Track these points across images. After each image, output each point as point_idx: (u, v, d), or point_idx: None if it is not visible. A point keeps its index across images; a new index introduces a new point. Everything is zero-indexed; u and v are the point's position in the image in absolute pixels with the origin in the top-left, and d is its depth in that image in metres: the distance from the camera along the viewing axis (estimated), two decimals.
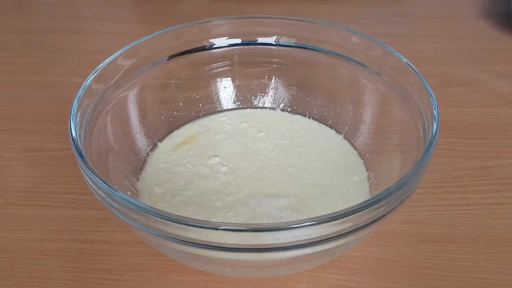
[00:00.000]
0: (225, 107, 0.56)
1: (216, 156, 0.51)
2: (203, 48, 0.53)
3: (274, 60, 0.56)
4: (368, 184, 0.48)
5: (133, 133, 0.51)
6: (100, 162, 0.43)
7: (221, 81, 0.57)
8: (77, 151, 0.38)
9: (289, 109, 0.57)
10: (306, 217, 0.42)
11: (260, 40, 0.54)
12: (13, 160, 0.55)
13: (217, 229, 0.32)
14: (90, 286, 0.42)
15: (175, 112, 0.55)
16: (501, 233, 0.46)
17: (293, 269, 0.42)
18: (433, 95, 0.42)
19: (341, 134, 0.53)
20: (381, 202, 0.34)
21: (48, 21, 0.83)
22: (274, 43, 0.54)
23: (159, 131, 0.53)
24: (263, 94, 0.57)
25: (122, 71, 0.48)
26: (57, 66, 0.70)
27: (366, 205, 0.33)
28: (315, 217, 0.33)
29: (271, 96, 0.57)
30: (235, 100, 0.57)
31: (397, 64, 0.46)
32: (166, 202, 0.46)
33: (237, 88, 0.57)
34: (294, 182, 0.48)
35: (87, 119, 0.43)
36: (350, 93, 0.53)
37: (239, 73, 0.57)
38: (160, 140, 0.53)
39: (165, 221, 0.33)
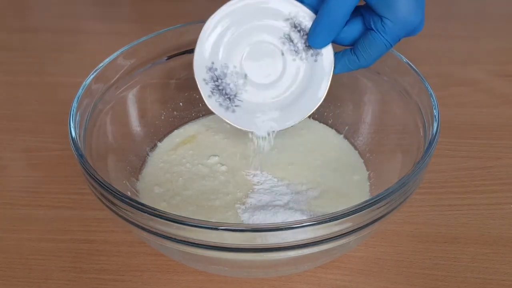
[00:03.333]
0: None
1: (215, 155, 0.50)
2: None
3: None
4: (369, 183, 0.48)
5: (132, 133, 0.51)
6: (100, 162, 0.43)
7: None
8: (77, 151, 0.38)
9: None
10: (306, 217, 0.42)
11: None
12: (13, 160, 0.55)
13: (217, 229, 0.32)
14: (90, 287, 0.42)
15: (175, 112, 0.55)
16: (502, 233, 0.46)
17: (293, 269, 0.42)
18: (433, 95, 0.42)
19: (341, 134, 0.53)
20: (382, 202, 0.34)
21: (48, 21, 0.82)
22: None
23: (159, 131, 0.53)
24: None
25: (122, 71, 0.48)
26: (57, 66, 0.70)
27: (366, 205, 0.33)
28: (315, 217, 0.33)
29: None
30: None
31: (397, 64, 0.46)
32: (166, 201, 0.46)
33: None
34: (294, 182, 0.48)
35: (86, 119, 0.43)
36: (350, 93, 0.53)
37: None
38: (160, 140, 0.53)
39: (165, 221, 0.33)
